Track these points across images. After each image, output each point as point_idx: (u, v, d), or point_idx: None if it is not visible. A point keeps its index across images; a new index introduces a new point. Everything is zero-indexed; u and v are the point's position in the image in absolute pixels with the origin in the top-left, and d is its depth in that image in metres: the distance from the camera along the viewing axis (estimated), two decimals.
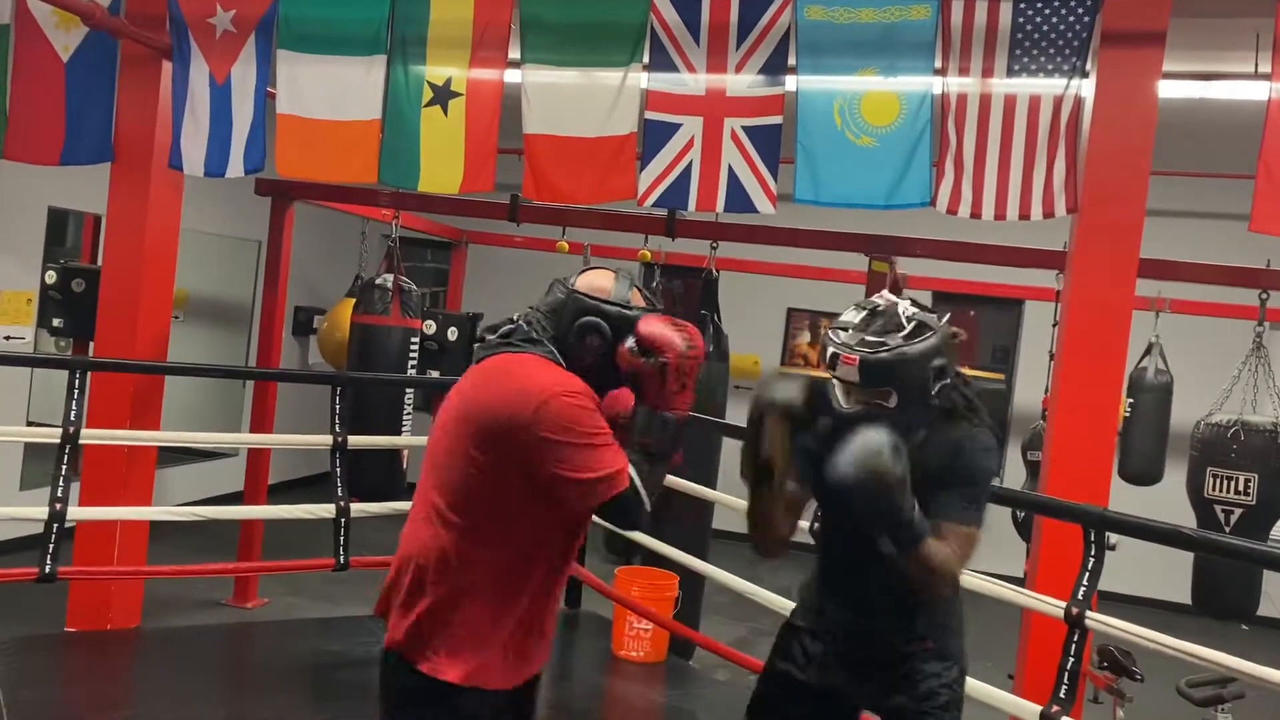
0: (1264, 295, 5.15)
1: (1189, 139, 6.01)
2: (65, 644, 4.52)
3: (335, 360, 7.27)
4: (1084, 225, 3.94)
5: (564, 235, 5.96)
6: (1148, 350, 6.44)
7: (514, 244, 8.02)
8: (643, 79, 4.27)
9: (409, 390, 6.02)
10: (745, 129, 4.17)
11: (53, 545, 4.00)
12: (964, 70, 3.98)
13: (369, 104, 4.50)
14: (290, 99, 4.57)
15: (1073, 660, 3.06)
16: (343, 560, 4.57)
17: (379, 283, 5.97)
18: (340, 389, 4.71)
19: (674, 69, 4.22)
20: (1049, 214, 3.94)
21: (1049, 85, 3.90)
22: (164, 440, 5.19)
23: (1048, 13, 3.88)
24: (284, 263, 5.99)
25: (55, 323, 6.09)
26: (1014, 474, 6.97)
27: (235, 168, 4.65)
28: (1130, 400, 6.28)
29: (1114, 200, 3.89)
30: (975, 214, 3.98)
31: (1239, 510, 5.02)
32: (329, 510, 4.52)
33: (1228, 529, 4.99)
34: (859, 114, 4.04)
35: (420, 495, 2.10)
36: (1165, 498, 5.69)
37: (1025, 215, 3.95)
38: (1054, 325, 4.94)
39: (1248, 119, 3.99)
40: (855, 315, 2.18)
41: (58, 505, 4.01)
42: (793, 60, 4.14)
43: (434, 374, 7.54)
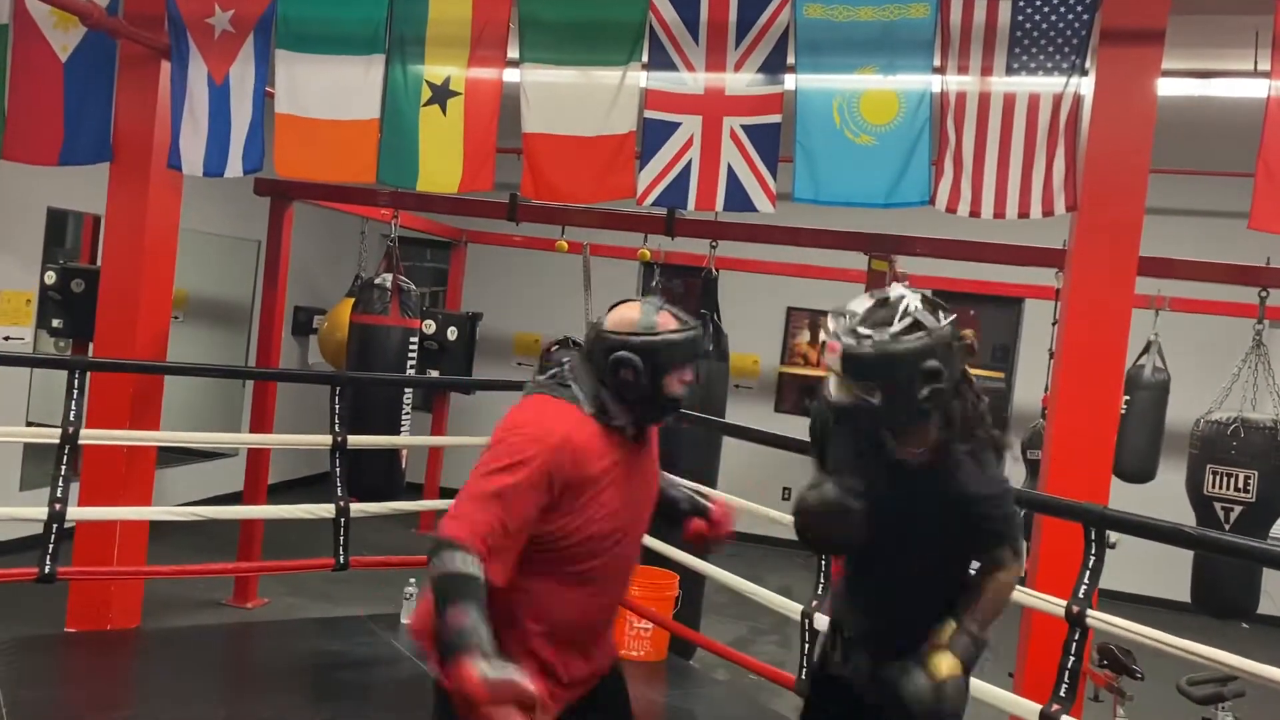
0: (1263, 293, 5.14)
1: (1188, 137, 6.00)
2: (65, 644, 4.53)
3: (336, 360, 7.27)
4: (1083, 223, 3.94)
5: (563, 234, 5.95)
6: (1146, 348, 6.44)
7: (513, 243, 8.02)
8: (642, 78, 4.27)
9: (408, 390, 6.02)
10: (744, 128, 4.17)
11: (52, 545, 4.00)
12: (963, 68, 3.98)
13: (368, 103, 4.49)
14: (289, 99, 4.57)
15: (1073, 659, 3.06)
16: (342, 560, 4.57)
17: (378, 282, 5.97)
18: (339, 389, 4.71)
19: (673, 68, 4.22)
20: (1048, 212, 3.93)
21: (1048, 83, 3.90)
22: (163, 440, 5.19)
23: (1047, 11, 3.87)
24: (283, 263, 5.99)
25: (55, 323, 6.09)
26: (1014, 473, 6.96)
27: (234, 168, 4.64)
28: (1126, 398, 6.28)
29: (1113, 198, 3.89)
30: (974, 212, 3.98)
31: (1239, 507, 5.02)
32: (329, 510, 4.52)
33: (1227, 526, 4.99)
34: (858, 112, 4.04)
35: None
36: (1163, 495, 5.69)
37: (1025, 213, 3.94)
38: (1054, 323, 4.94)
39: (1247, 117, 3.98)
40: (862, 304, 2.13)
41: (57, 505, 4.01)
42: (792, 59, 4.14)
43: (433, 374, 7.55)
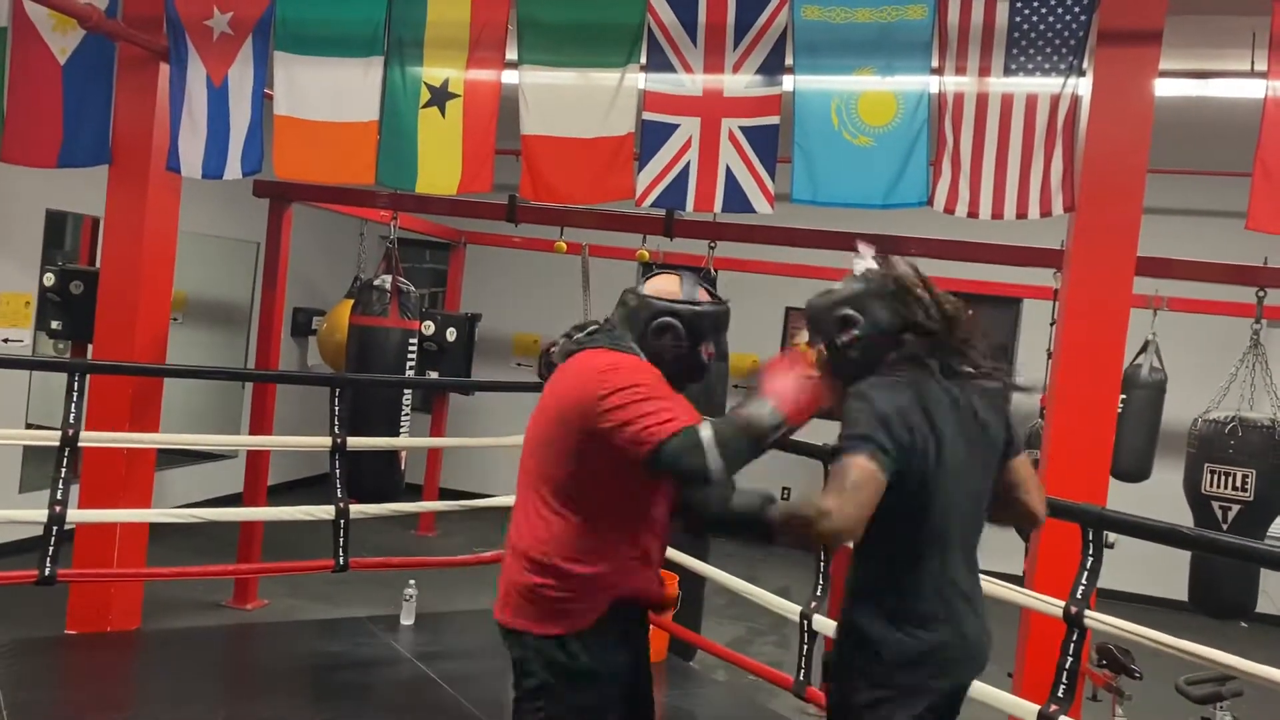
0: (1261, 293, 5.15)
1: (1186, 137, 6.01)
2: (65, 646, 4.53)
3: (335, 362, 7.27)
4: (1081, 224, 3.95)
5: (562, 235, 5.96)
6: (1143, 348, 6.44)
7: (512, 244, 8.02)
8: (640, 79, 4.28)
9: (407, 391, 6.02)
10: (743, 129, 4.17)
11: (52, 547, 4.01)
12: (961, 69, 3.99)
13: (366, 105, 4.50)
14: (288, 100, 4.58)
15: (1071, 659, 3.07)
16: (342, 561, 4.58)
17: (377, 284, 5.98)
18: (339, 390, 4.71)
19: (671, 69, 4.23)
20: (1046, 213, 3.94)
21: (1046, 84, 3.90)
22: (163, 442, 5.19)
23: (1044, 12, 3.88)
24: (282, 264, 5.99)
25: (54, 325, 6.09)
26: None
27: (233, 170, 4.65)
28: (1123, 397, 6.29)
29: (1111, 198, 3.89)
30: (973, 213, 3.99)
31: (1237, 507, 5.03)
32: (328, 512, 4.52)
33: (1225, 526, 5.00)
34: (856, 114, 4.05)
35: (520, 492, 2.30)
36: (1160, 495, 5.70)
37: (1023, 214, 3.95)
38: (1052, 324, 4.95)
39: (1244, 117, 3.99)
40: None
41: (57, 508, 4.01)
42: (790, 60, 4.15)
43: (433, 375, 7.56)
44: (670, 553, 4.44)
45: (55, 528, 4.01)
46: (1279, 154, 3.68)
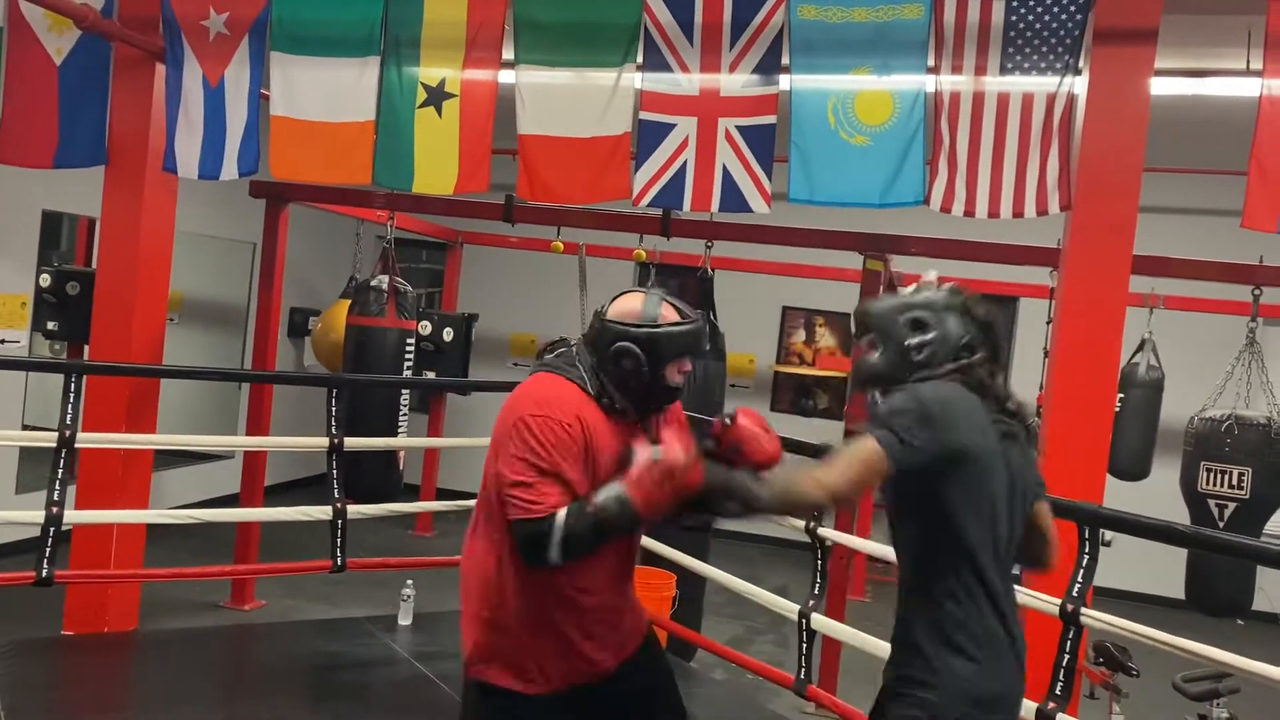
0: (1257, 291, 5.16)
1: (1182, 136, 6.02)
2: (62, 647, 4.52)
3: (330, 362, 7.27)
4: (1077, 222, 3.95)
5: (559, 235, 5.96)
6: (1140, 346, 6.45)
7: (509, 244, 8.02)
8: (636, 79, 4.27)
9: (405, 391, 6.02)
10: (739, 129, 4.17)
11: (49, 548, 4.00)
12: (957, 68, 3.99)
13: (363, 105, 4.49)
14: (284, 101, 4.57)
15: (1068, 657, 3.07)
16: (340, 562, 4.58)
17: (374, 284, 5.97)
18: (336, 391, 4.71)
19: (668, 69, 4.23)
20: (1042, 211, 3.95)
21: (1042, 83, 3.91)
22: (160, 443, 5.19)
23: (1040, 10, 3.89)
24: (279, 264, 5.99)
25: (50, 326, 6.08)
26: None
27: (229, 170, 4.65)
28: (1120, 396, 6.30)
29: (1107, 197, 3.90)
30: (969, 212, 3.99)
31: (1233, 505, 5.04)
32: (326, 512, 4.52)
33: (1222, 524, 5.00)
34: (852, 113, 4.05)
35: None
36: (1157, 493, 5.71)
37: (1019, 213, 3.96)
38: (1048, 322, 4.96)
39: (1240, 115, 4.00)
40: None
41: (54, 509, 4.00)
42: (786, 60, 4.15)
43: (430, 375, 7.55)
44: (669, 552, 4.45)
45: (52, 529, 4.00)
46: (1274, 152, 3.69)
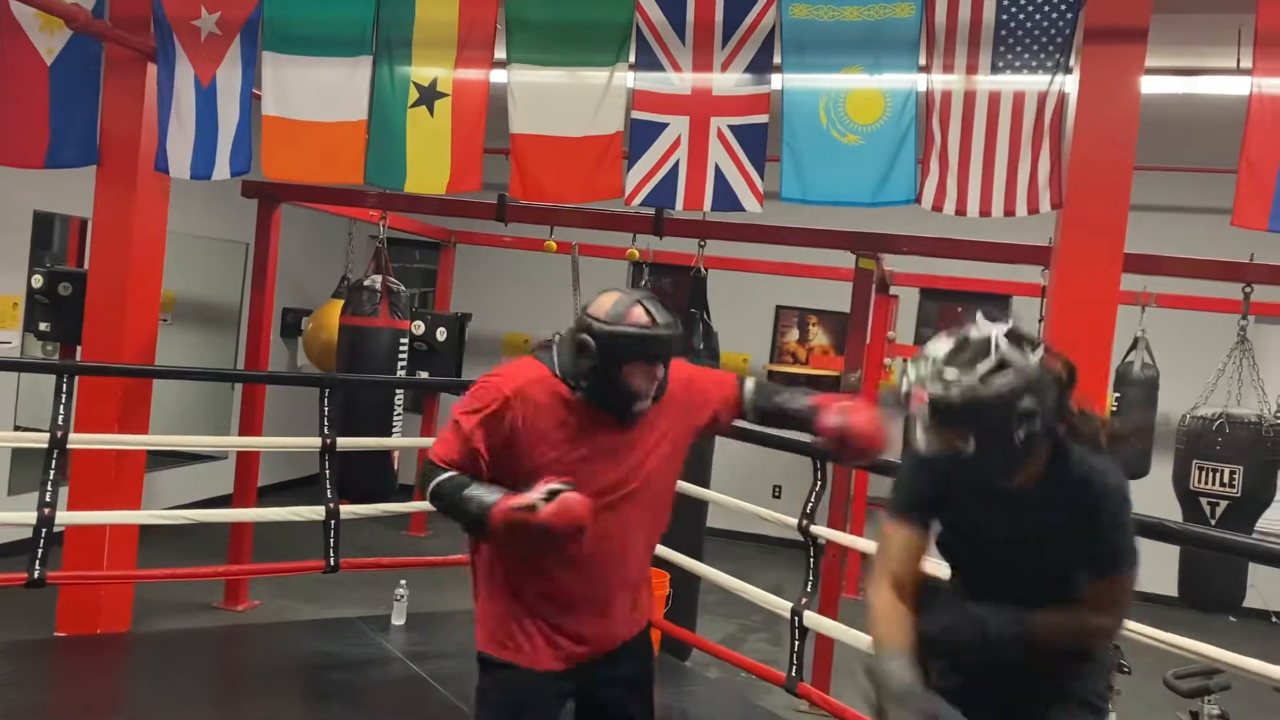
0: (1247, 289, 5.18)
1: (1172, 134, 6.04)
2: (55, 649, 4.51)
3: (321, 362, 7.26)
4: (1069, 221, 3.96)
5: (552, 235, 5.95)
6: (1134, 344, 6.47)
7: (502, 244, 8.01)
8: (629, 78, 4.28)
9: (399, 391, 6.01)
10: (731, 128, 4.18)
11: (42, 550, 3.99)
12: (948, 67, 4.00)
13: (355, 105, 4.49)
14: (276, 101, 4.57)
15: None
16: (333, 562, 4.57)
17: (367, 284, 5.97)
18: (329, 391, 4.71)
19: (660, 68, 4.23)
20: (1034, 210, 3.96)
21: (1033, 82, 3.91)
22: (152, 444, 5.18)
23: (1031, 10, 3.89)
24: (271, 264, 5.98)
25: (42, 327, 6.05)
26: None
27: (221, 170, 4.64)
28: (1117, 394, 6.31)
29: (1098, 196, 3.91)
30: (960, 211, 4.00)
31: (1224, 503, 5.06)
32: (319, 513, 4.51)
33: (1213, 522, 5.02)
34: (844, 112, 4.05)
35: None
36: (1150, 491, 5.70)
37: (1010, 212, 3.96)
38: (1040, 320, 4.96)
39: (1230, 114, 4.01)
40: (943, 347, 1.99)
41: (46, 510, 3.99)
42: (778, 59, 4.15)
43: (423, 375, 7.55)
44: (663, 551, 4.45)
45: (44, 530, 3.99)
46: (1264, 151, 3.70)
